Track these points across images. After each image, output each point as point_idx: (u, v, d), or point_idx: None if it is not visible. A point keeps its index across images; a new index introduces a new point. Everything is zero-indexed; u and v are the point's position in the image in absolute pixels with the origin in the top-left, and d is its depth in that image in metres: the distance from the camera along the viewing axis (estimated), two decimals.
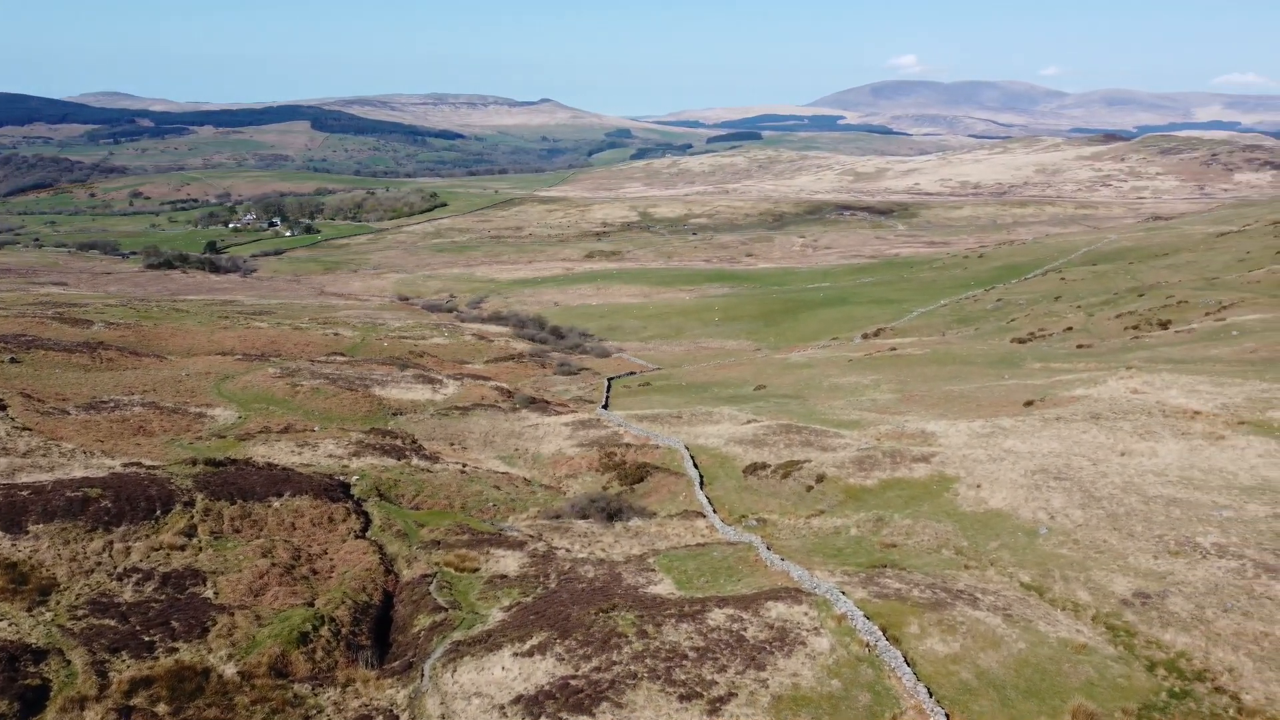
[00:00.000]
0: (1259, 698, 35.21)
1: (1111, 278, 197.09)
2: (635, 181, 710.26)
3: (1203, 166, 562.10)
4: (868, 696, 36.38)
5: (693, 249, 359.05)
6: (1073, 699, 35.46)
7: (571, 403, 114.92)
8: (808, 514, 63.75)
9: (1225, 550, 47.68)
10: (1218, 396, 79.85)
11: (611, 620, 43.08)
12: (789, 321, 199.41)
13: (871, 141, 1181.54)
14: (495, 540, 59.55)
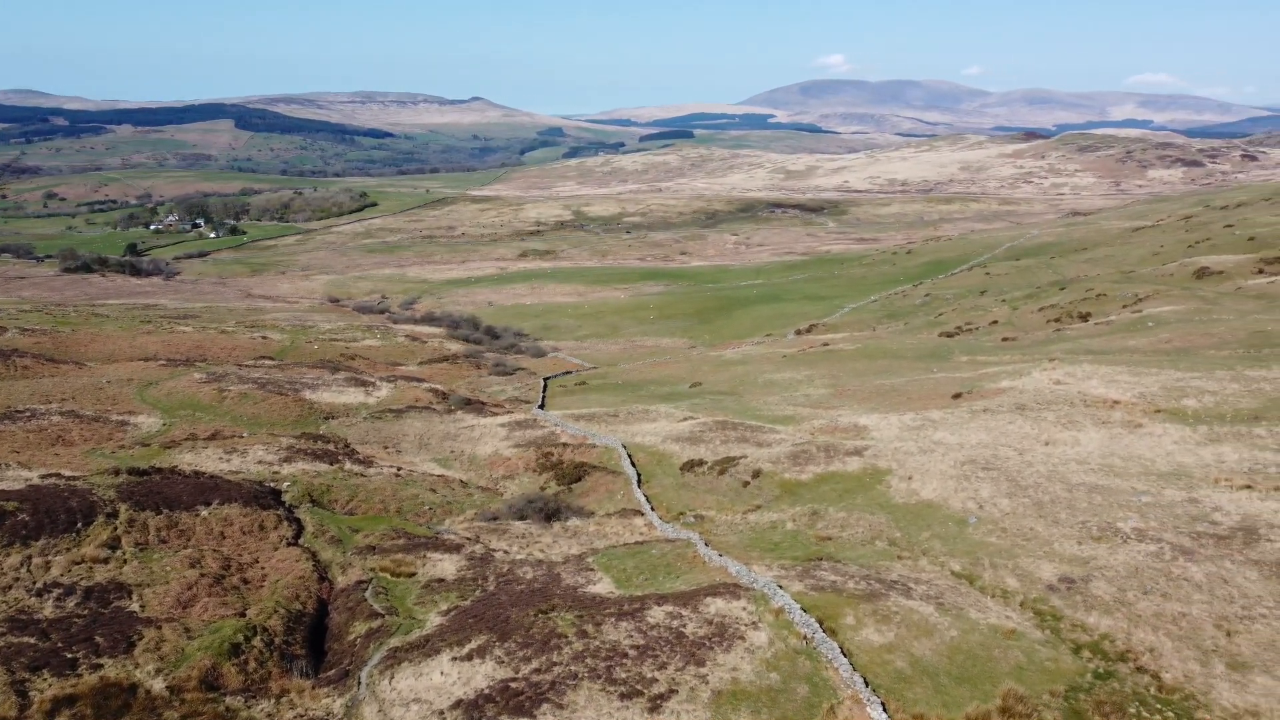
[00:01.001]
0: (1178, 676, 36.56)
1: (1034, 272, 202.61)
2: (568, 180, 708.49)
3: (1118, 164, 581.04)
4: (806, 688, 36.87)
5: (627, 247, 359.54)
6: (1003, 683, 36.39)
7: (507, 403, 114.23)
8: (745, 509, 64.31)
9: (1144, 534, 49.38)
10: (1135, 386, 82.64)
11: (551, 621, 42.96)
12: (723, 319, 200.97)
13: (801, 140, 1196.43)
14: (432, 544, 58.92)
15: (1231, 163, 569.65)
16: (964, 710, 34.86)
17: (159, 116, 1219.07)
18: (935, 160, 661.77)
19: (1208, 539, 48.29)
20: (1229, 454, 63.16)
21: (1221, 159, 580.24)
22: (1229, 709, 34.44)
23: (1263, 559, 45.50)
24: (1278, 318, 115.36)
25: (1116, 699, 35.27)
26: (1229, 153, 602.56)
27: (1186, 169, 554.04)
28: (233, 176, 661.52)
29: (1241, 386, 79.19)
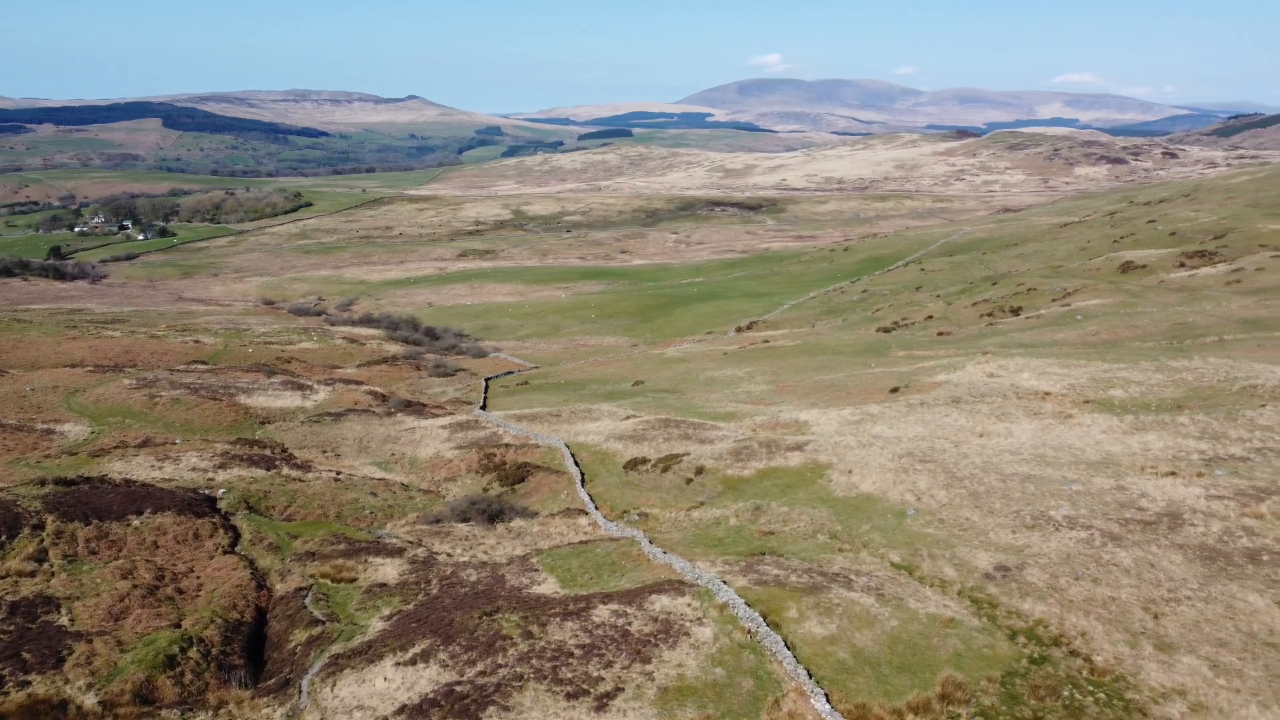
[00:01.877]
0: (1108, 658, 37.67)
1: (967, 268, 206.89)
2: (507, 179, 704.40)
3: (1046, 161, 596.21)
4: (751, 682, 37.21)
5: (567, 246, 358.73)
6: (942, 671, 37.13)
7: (448, 404, 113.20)
8: (688, 506, 64.64)
9: (1075, 522, 50.80)
10: (1065, 378, 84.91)
11: (496, 623, 42.73)
12: (664, 317, 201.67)
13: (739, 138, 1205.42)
14: (373, 548, 58.17)
15: (1153, 160, 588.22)
16: (905, 698, 35.49)
17: (83, 115, 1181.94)
18: (870, 158, 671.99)
19: (1135, 525, 49.86)
20: (1154, 442, 65.26)
21: (1144, 156, 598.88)
22: (1157, 689, 35.58)
23: (1187, 543, 47.13)
24: (1198, 310, 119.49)
25: (1051, 683, 36.22)
26: (1151, 150, 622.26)
27: (1111, 166, 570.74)
28: (161, 177, 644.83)
29: (1165, 377, 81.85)
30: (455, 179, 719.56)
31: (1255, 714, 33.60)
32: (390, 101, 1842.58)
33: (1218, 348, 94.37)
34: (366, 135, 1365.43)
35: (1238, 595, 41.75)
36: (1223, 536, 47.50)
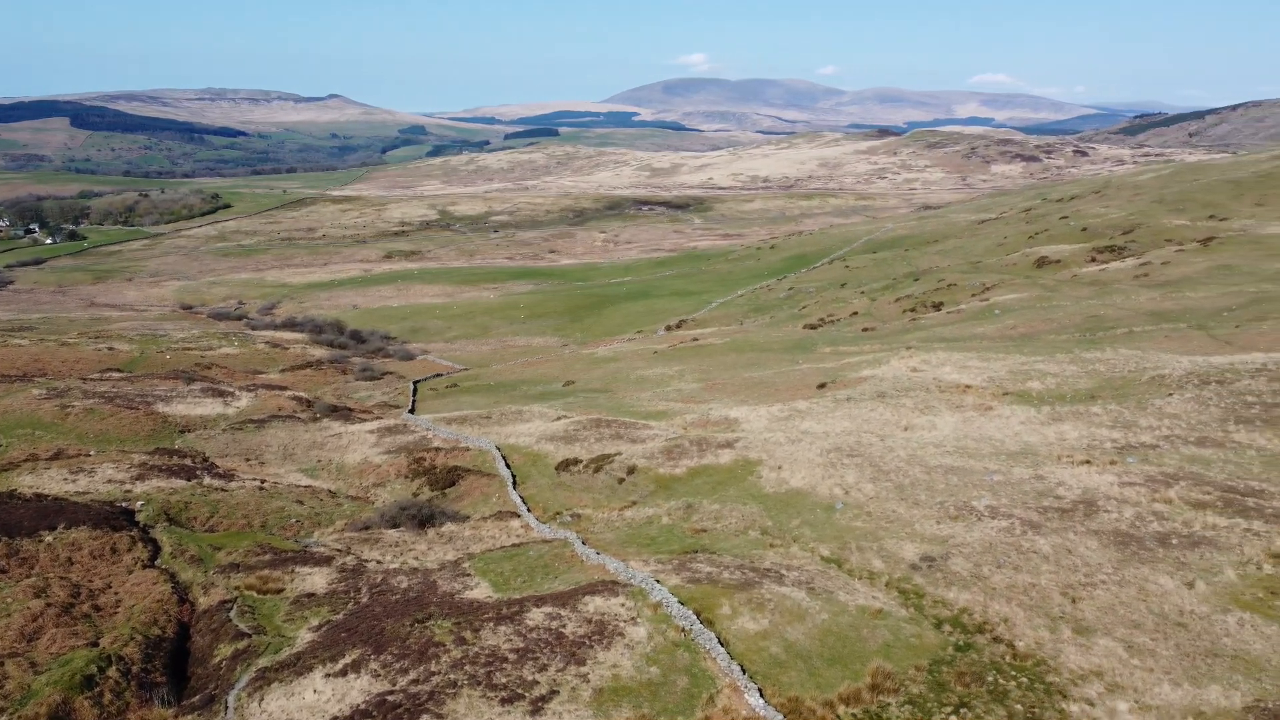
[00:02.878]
0: (1030, 643, 38.85)
1: (890, 264, 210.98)
2: (433, 179, 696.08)
3: (964, 159, 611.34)
4: (685, 680, 37.46)
5: (495, 246, 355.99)
6: (872, 661, 37.87)
7: (376, 408, 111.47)
8: (621, 506, 64.76)
9: (996, 511, 52.26)
10: (985, 371, 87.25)
11: (428, 630, 42.25)
12: (594, 316, 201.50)
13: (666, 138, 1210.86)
14: (300, 558, 57.00)
15: (1065, 158, 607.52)
16: (836, 690, 36.11)
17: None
18: (795, 157, 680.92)
19: (1053, 513, 51.50)
20: (1070, 432, 67.49)
21: (1056, 154, 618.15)
22: (1075, 670, 36.81)
23: (1101, 529, 48.85)
24: (1109, 303, 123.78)
25: (976, 669, 37.21)
26: (1063, 149, 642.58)
27: (1025, 164, 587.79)
28: (70, 178, 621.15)
29: (1079, 368, 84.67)
30: (379, 179, 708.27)
31: (1167, 691, 34.99)
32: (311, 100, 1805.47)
33: (1128, 339, 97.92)
34: (287, 135, 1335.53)
35: (1149, 578, 43.42)
36: (1135, 522, 49.35)
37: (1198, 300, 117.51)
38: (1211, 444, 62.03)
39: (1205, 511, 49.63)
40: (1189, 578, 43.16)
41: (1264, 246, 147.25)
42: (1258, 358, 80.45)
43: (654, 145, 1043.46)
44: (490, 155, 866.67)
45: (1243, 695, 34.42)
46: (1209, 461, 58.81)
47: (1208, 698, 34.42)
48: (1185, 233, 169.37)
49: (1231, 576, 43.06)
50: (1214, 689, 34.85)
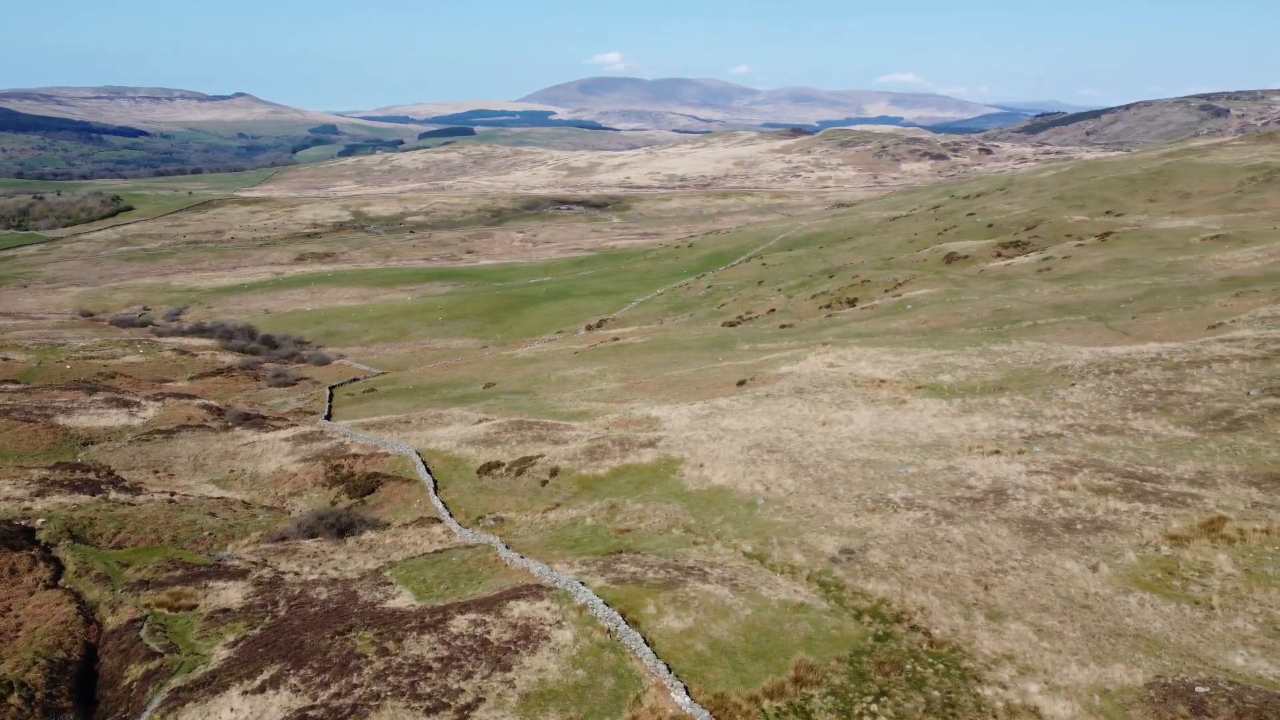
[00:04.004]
0: (945, 630, 39.99)
1: (806, 261, 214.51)
2: (346, 179, 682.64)
3: (875, 158, 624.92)
4: (612, 681, 37.56)
5: (411, 248, 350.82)
6: (795, 654, 38.52)
7: (291, 415, 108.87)
8: (544, 508, 64.54)
9: (912, 503, 53.64)
10: (899, 365, 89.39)
11: (349, 641, 41.50)
12: (514, 317, 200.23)
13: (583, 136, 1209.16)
14: (214, 572, 55.36)
15: (971, 156, 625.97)
16: (760, 684, 36.64)
17: None
18: (711, 156, 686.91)
19: (965, 503, 53.09)
20: (980, 423, 69.62)
21: (962, 153, 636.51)
22: (989, 655, 38.02)
23: (1011, 517, 50.55)
24: (1015, 297, 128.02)
25: (895, 658, 38.15)
26: (968, 147, 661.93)
27: (934, 162, 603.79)
28: None
29: (988, 361, 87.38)
30: (290, 179, 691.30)
31: (1075, 671, 36.40)
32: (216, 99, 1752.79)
33: (1033, 332, 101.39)
34: (191, 135, 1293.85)
35: (1056, 563, 45.10)
36: (1042, 509, 51.20)
37: (1097, 293, 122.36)
38: (1112, 432, 64.68)
39: (1107, 497, 51.75)
40: (1093, 561, 44.96)
41: (1157, 241, 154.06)
42: (1153, 347, 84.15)
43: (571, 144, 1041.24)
44: (405, 155, 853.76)
45: (1144, 672, 36.02)
46: (1110, 449, 61.31)
47: (1112, 676, 35.91)
48: (1084, 228, 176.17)
49: (1132, 559, 45.00)
50: (1118, 667, 36.39)
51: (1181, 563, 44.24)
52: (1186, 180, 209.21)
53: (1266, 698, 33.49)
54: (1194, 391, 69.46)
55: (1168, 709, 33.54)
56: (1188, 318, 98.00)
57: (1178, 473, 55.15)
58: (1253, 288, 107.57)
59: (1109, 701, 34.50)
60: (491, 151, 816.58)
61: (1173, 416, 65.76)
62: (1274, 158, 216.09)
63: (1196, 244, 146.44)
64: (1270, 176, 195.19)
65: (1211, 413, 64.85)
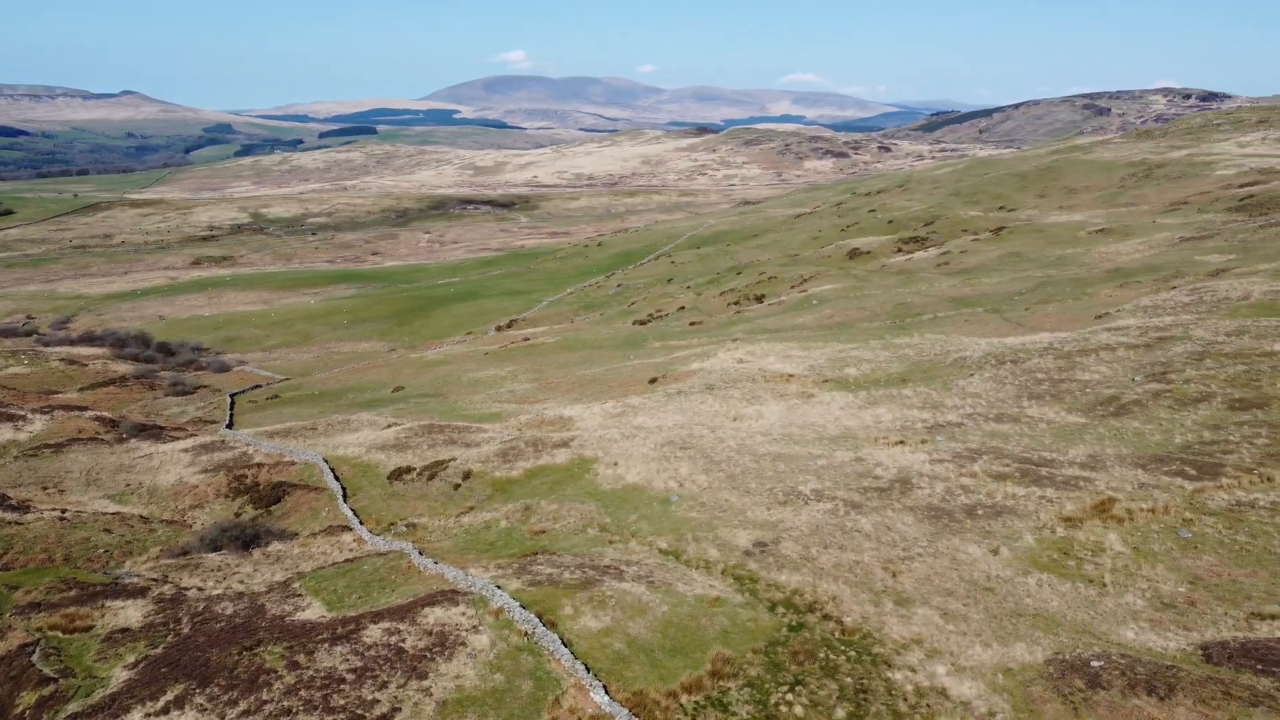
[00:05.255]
0: (856, 618, 41.00)
1: (713, 259, 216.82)
2: (243, 180, 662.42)
3: (779, 156, 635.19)
4: (530, 683, 37.41)
5: (314, 250, 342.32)
6: (712, 649, 38.99)
7: (190, 425, 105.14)
8: (458, 512, 63.82)
9: (822, 494, 54.80)
10: (806, 360, 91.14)
11: (258, 657, 40.35)
12: (421, 319, 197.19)
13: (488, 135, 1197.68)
14: (111, 591, 53.12)
15: (870, 154, 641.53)
16: (679, 680, 36.97)
17: None
18: (618, 155, 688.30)
19: (872, 492, 54.49)
20: (884, 415, 71.51)
21: (863, 150, 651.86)
22: (898, 640, 39.13)
23: (916, 505, 52.10)
24: (915, 291, 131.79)
25: (808, 647, 38.94)
26: (868, 145, 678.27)
27: (835, 160, 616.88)
28: None
29: (891, 354, 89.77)
30: (184, 181, 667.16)
31: (979, 652, 37.74)
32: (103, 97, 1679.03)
33: (933, 325, 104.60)
34: (76, 134, 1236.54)
35: (960, 548, 46.68)
36: (945, 496, 52.91)
37: (992, 286, 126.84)
38: (1009, 419, 67.20)
39: (1005, 482, 53.76)
40: (994, 545, 46.67)
41: (1046, 235, 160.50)
42: (1045, 337, 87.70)
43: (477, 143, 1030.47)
44: (305, 155, 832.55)
45: (1043, 650, 37.56)
46: (1007, 436, 63.70)
47: (1014, 655, 37.36)
48: (979, 223, 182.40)
49: (1030, 541, 46.87)
50: (1019, 646, 37.87)
51: (1076, 543, 46.27)
52: (1073, 176, 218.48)
53: (1155, 668, 35.30)
54: (1083, 379, 72.65)
55: (1065, 684, 35.06)
56: (1077, 308, 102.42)
57: (1070, 457, 57.64)
58: (1135, 278, 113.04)
59: (1011, 679, 35.88)
60: (395, 151, 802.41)
61: (1064, 403, 68.66)
62: (1152, 155, 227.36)
63: (1083, 237, 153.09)
64: (1149, 172, 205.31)
65: (1100, 399, 67.93)
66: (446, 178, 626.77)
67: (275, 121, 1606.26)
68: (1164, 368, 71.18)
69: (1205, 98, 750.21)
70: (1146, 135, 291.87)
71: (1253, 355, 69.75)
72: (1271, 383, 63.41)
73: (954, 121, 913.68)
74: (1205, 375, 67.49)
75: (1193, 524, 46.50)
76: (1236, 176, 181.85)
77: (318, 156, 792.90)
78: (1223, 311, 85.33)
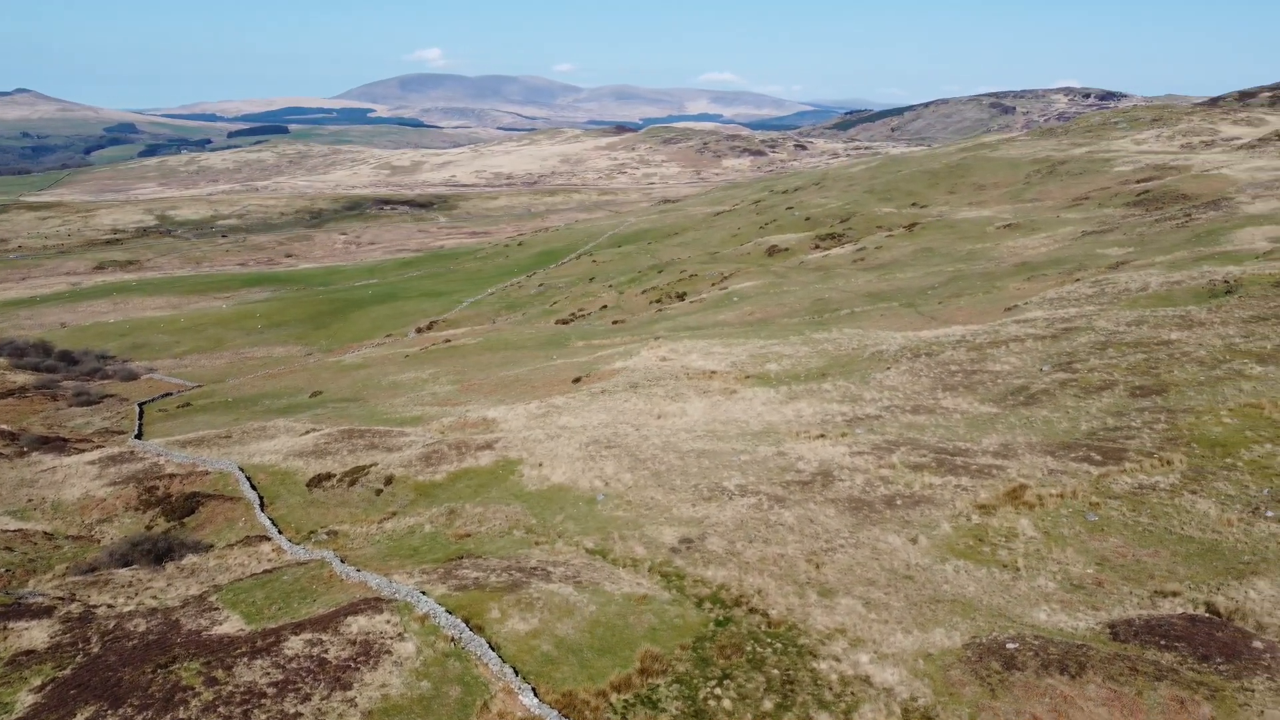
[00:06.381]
0: (782, 610, 41.60)
1: (635, 257, 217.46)
2: (149, 181, 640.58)
3: (697, 154, 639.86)
4: (458, 689, 37.04)
5: (225, 253, 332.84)
6: (640, 646, 39.13)
7: (96, 436, 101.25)
8: (380, 518, 62.78)
9: (745, 490, 55.44)
10: (728, 356, 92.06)
11: (173, 674, 39.10)
12: (339, 322, 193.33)
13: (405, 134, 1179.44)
14: (14, 612, 50.82)
15: (787, 152, 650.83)
16: (608, 679, 37.02)
17: None
18: (537, 154, 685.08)
19: (795, 486, 55.35)
20: (805, 409, 72.66)
21: (779, 149, 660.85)
22: (823, 630, 39.84)
23: (837, 497, 53.09)
24: (833, 287, 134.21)
25: (735, 641, 39.38)
26: (785, 143, 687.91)
27: (753, 158, 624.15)
28: None
29: (810, 349, 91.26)
30: (85, 182, 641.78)
31: (900, 639, 38.66)
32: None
33: (850, 319, 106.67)
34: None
35: (880, 538, 47.73)
36: (865, 488, 54.03)
37: (906, 281, 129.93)
38: (925, 411, 68.94)
39: (923, 473, 55.15)
40: (913, 534, 47.85)
41: (957, 230, 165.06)
42: (957, 330, 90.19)
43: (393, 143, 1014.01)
44: (214, 155, 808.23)
45: (961, 634, 38.66)
46: (923, 427, 65.34)
47: (934, 640, 38.36)
48: (893, 219, 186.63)
49: (947, 529, 48.18)
50: (938, 632, 38.90)
51: (990, 530, 47.73)
52: (981, 173, 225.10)
53: (1067, 648, 36.64)
54: (995, 370, 74.95)
55: (983, 666, 36.16)
56: (987, 301, 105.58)
57: (983, 446, 59.41)
58: (1041, 272, 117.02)
59: (931, 664, 36.84)
60: (308, 150, 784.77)
61: (977, 394, 70.73)
62: (1055, 152, 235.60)
63: (992, 232, 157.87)
64: (1052, 169, 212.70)
65: (1010, 389, 70.18)
66: (362, 178, 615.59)
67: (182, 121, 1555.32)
68: (1070, 358, 73.87)
69: (1104, 97, 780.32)
70: (1050, 133, 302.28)
71: (1151, 344, 72.87)
72: (1169, 370, 66.34)
73: (867, 120, 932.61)
74: (1108, 364, 70.24)
75: (1099, 507, 48.39)
76: (1133, 172, 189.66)
77: (227, 156, 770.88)
78: (1123, 303, 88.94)
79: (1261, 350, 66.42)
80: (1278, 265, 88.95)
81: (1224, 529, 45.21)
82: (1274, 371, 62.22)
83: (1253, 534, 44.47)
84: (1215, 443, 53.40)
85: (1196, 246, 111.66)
